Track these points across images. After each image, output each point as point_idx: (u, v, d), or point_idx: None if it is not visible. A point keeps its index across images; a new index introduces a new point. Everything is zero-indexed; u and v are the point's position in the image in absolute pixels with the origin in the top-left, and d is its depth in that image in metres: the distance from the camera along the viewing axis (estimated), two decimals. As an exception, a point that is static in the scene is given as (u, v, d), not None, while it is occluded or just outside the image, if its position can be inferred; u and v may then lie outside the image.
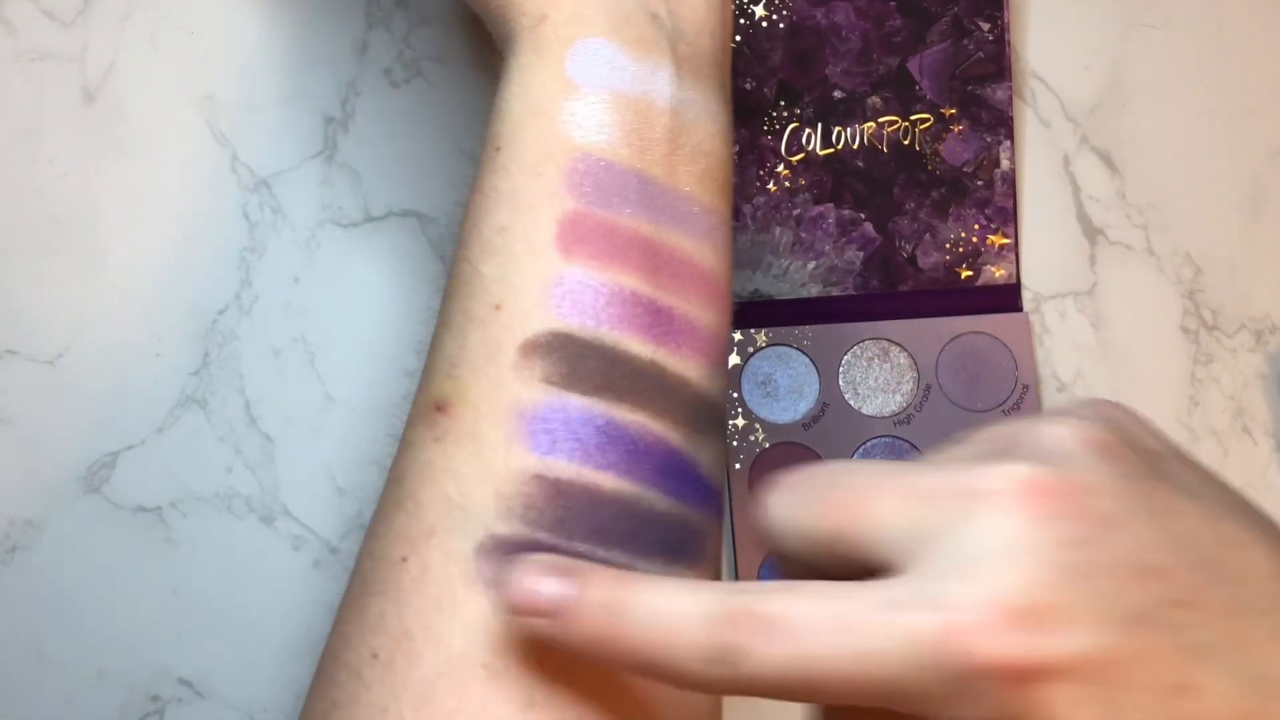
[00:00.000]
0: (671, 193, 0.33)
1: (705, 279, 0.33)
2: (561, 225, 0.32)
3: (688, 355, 0.32)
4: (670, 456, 0.32)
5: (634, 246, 0.32)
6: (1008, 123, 0.53)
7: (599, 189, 0.32)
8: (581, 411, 0.31)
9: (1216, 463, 0.53)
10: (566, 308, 0.31)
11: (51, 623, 0.49)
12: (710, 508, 0.33)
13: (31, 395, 0.50)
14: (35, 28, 0.51)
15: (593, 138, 0.32)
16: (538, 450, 0.30)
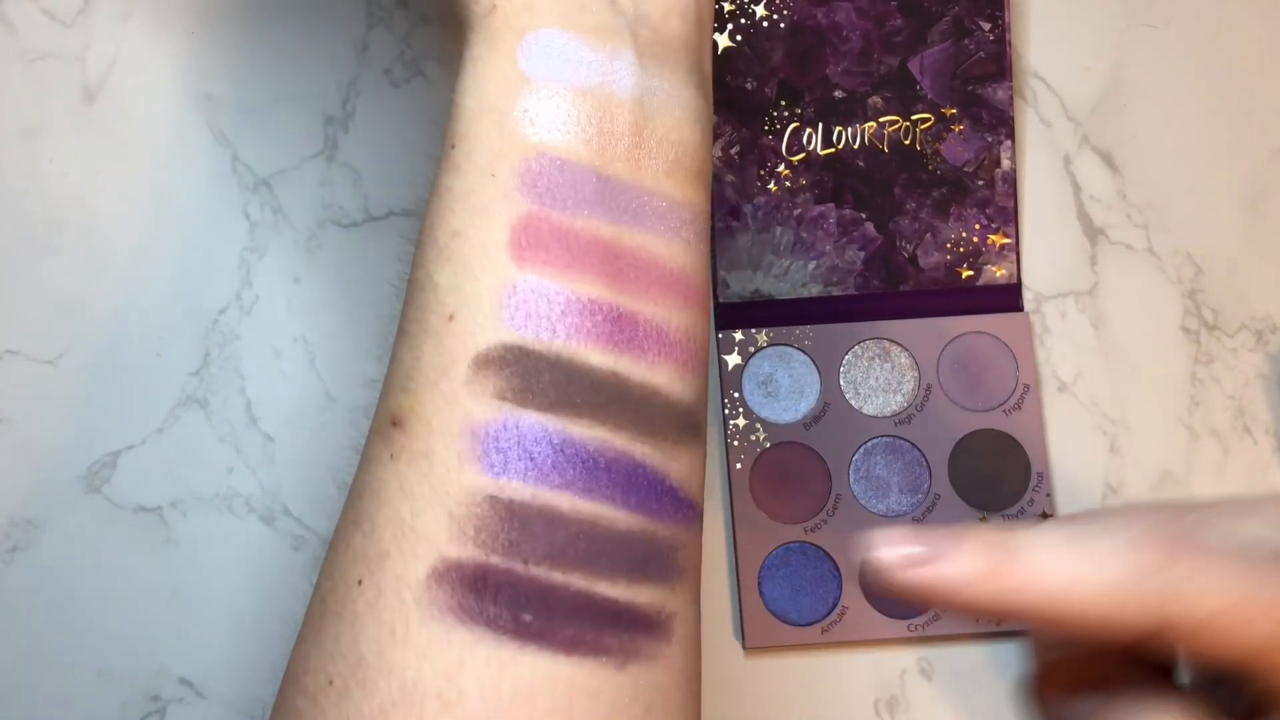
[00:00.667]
0: (635, 189, 0.31)
1: (675, 279, 0.32)
2: (515, 230, 0.30)
3: (654, 362, 0.31)
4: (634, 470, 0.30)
5: (593, 250, 0.31)
6: (1008, 122, 0.53)
7: (554, 190, 0.31)
8: (535, 429, 0.29)
9: (1217, 463, 0.53)
10: (520, 318, 0.30)
11: (51, 623, 0.49)
12: (683, 518, 0.32)
13: (31, 395, 0.50)
14: (35, 28, 0.51)
15: (548, 135, 0.31)
16: (490, 470, 0.29)
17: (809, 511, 0.51)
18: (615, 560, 0.30)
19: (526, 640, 0.28)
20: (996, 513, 0.52)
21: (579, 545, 0.29)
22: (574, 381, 0.30)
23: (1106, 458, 0.53)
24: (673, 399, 0.31)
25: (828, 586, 0.51)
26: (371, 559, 0.30)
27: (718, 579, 0.51)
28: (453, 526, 0.29)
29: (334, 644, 0.30)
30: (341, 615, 0.30)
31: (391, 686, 0.28)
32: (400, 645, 0.29)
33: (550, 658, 0.28)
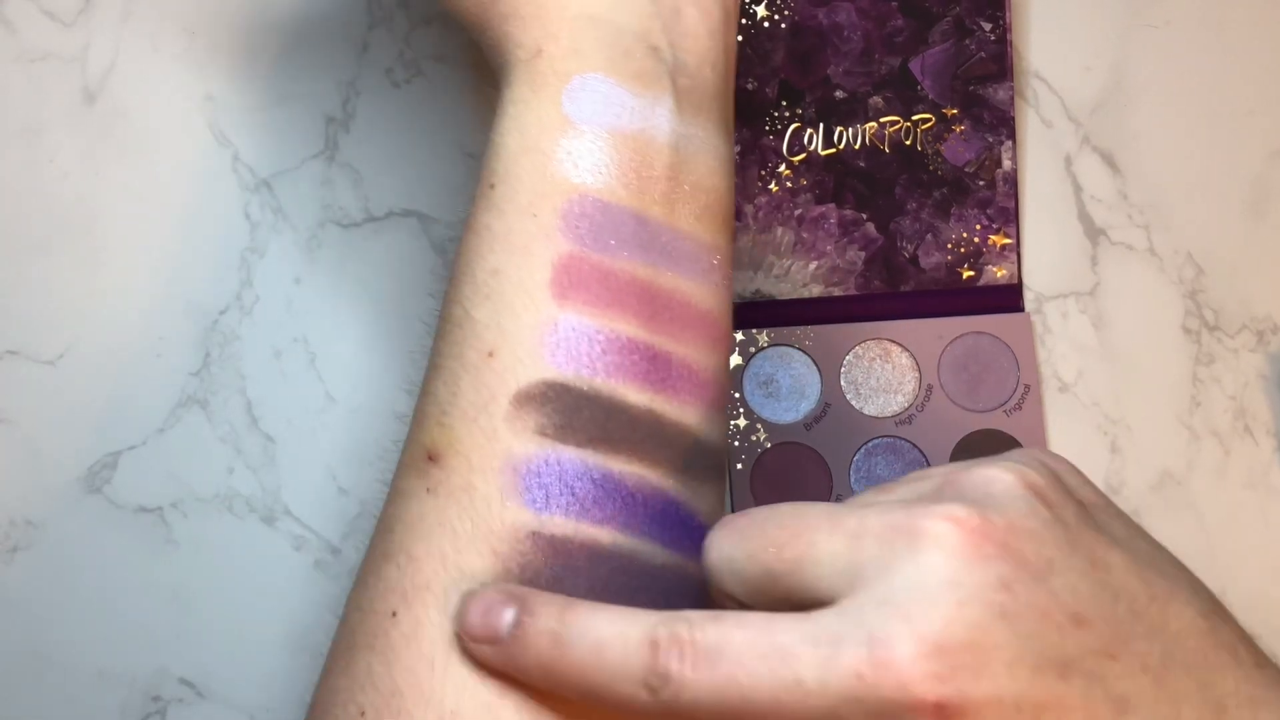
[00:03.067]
0: (670, 231, 0.32)
1: (704, 320, 0.32)
2: (556, 269, 0.31)
3: (686, 401, 0.32)
4: (668, 507, 0.31)
5: (631, 290, 0.31)
6: (1009, 123, 0.53)
7: (595, 231, 0.31)
8: (576, 464, 0.30)
9: (1218, 463, 0.53)
10: (561, 357, 0.30)
11: (51, 623, 0.49)
12: None
13: (31, 395, 0.50)
14: (35, 28, 0.51)
15: (590, 177, 0.31)
16: (533, 506, 0.29)
17: (810, 512, 0.51)
18: (653, 595, 0.30)
19: None
20: (997, 513, 0.51)
21: (619, 580, 0.30)
22: (613, 419, 0.30)
23: (1107, 458, 0.53)
24: (702, 438, 0.32)
25: (828, 587, 0.51)
26: (409, 591, 0.30)
27: (718, 579, 0.51)
28: (497, 563, 0.29)
29: (366, 675, 0.30)
30: (374, 647, 0.30)
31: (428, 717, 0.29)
32: (439, 676, 0.29)
33: None
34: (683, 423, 0.31)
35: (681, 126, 0.32)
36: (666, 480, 0.31)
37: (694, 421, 0.32)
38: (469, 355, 0.31)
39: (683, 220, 0.32)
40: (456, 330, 0.32)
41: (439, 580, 0.30)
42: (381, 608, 0.30)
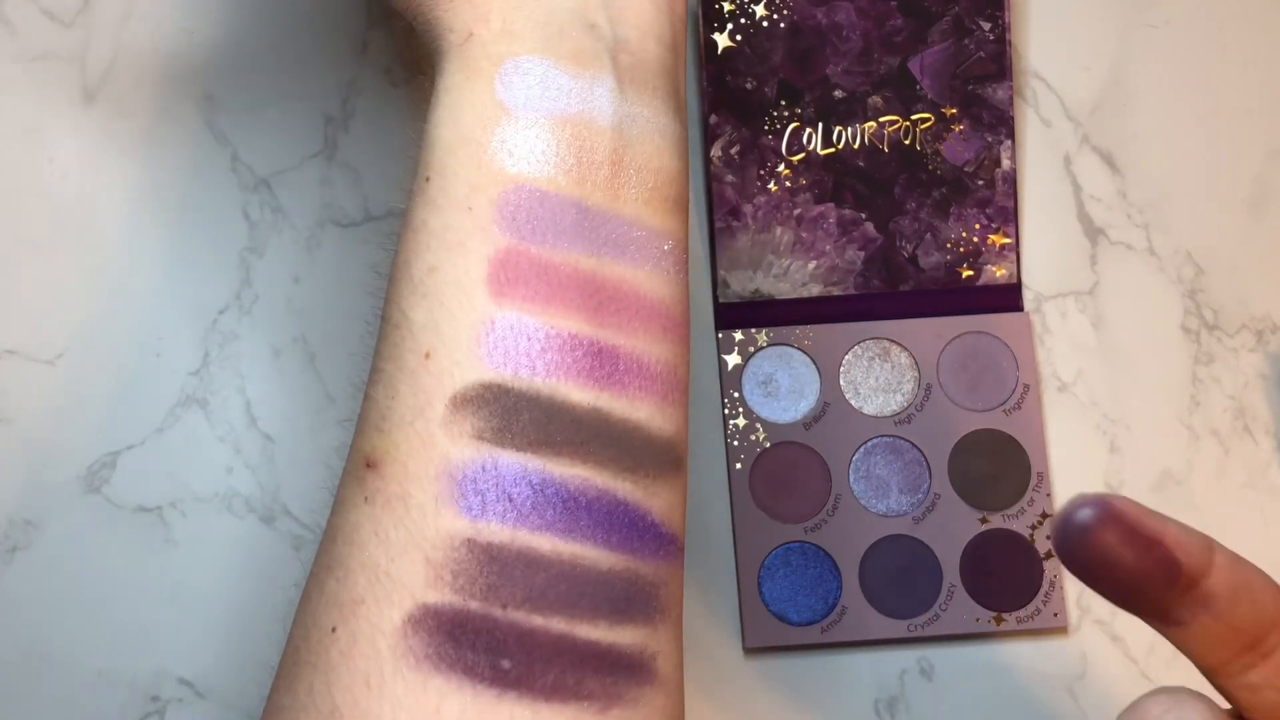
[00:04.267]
0: (615, 219, 0.31)
1: (655, 310, 0.31)
2: (493, 265, 0.30)
3: (636, 396, 0.30)
4: (615, 509, 0.30)
5: (572, 284, 0.30)
6: (1009, 122, 0.53)
7: (533, 223, 0.30)
8: (515, 469, 0.29)
9: (1217, 463, 0.53)
10: (499, 356, 0.29)
11: (51, 623, 0.49)
12: (664, 555, 0.31)
13: (31, 395, 0.50)
14: (35, 28, 0.51)
15: (527, 167, 0.30)
16: (468, 513, 0.28)
17: (809, 511, 0.51)
18: (597, 601, 0.29)
19: (505, 688, 0.28)
20: (997, 512, 0.52)
21: (559, 587, 0.29)
22: (554, 419, 0.29)
23: (1106, 458, 0.53)
24: (654, 434, 0.31)
25: (828, 586, 0.51)
26: (345, 605, 0.29)
27: (718, 579, 0.51)
28: (429, 572, 0.28)
29: (307, 694, 0.29)
30: (315, 664, 0.29)
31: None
32: (375, 695, 0.28)
33: (530, 706, 0.28)
34: (632, 419, 0.30)
35: (625, 106, 0.31)
36: (615, 481, 0.30)
37: (644, 417, 0.31)
38: (406, 358, 0.30)
39: (628, 206, 0.31)
40: (394, 332, 0.31)
41: (372, 592, 0.29)
42: (324, 623, 0.29)
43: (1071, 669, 0.52)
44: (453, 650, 0.28)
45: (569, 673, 0.28)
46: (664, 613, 0.31)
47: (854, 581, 0.51)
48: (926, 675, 0.51)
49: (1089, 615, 0.52)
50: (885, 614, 0.51)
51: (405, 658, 0.28)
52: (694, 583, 0.52)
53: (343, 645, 0.29)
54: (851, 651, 0.51)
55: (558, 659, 0.28)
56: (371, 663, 0.28)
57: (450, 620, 0.28)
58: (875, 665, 0.51)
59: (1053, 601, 0.51)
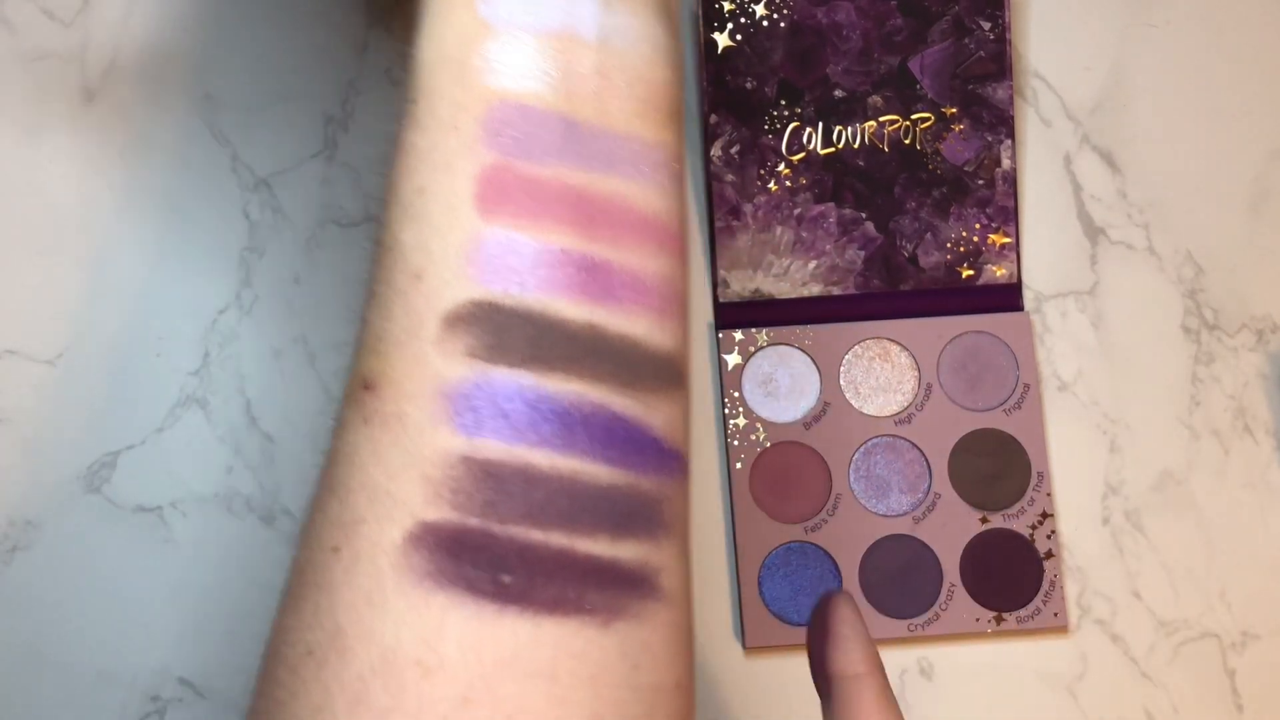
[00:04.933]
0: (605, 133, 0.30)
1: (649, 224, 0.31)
2: (480, 183, 0.29)
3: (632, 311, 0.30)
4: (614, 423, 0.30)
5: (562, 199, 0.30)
6: (1009, 122, 0.53)
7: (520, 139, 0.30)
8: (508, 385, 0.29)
9: (1217, 462, 0.53)
10: (489, 274, 0.29)
11: (51, 623, 0.49)
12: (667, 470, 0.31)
13: (31, 395, 0.50)
14: (35, 27, 0.51)
15: (511, 83, 0.30)
16: (464, 430, 0.28)
17: (809, 511, 0.51)
18: (597, 516, 0.29)
19: (507, 602, 0.28)
20: (996, 512, 0.52)
21: (558, 503, 0.29)
22: (547, 335, 0.29)
23: (1106, 457, 0.53)
24: (652, 348, 0.31)
25: (827, 586, 0.51)
26: (347, 525, 0.29)
27: (718, 579, 0.51)
28: (428, 489, 0.28)
29: (313, 614, 0.29)
30: (319, 584, 0.29)
31: (370, 654, 0.28)
32: (378, 612, 0.28)
33: (532, 619, 0.28)
34: (629, 334, 0.30)
35: (609, 18, 0.31)
36: (612, 396, 0.30)
37: (642, 331, 0.30)
38: (398, 279, 0.30)
39: (618, 120, 0.31)
40: (386, 255, 0.31)
41: (372, 511, 0.29)
42: (326, 543, 0.30)
43: (1071, 669, 0.52)
44: (453, 566, 0.28)
45: (570, 586, 0.28)
46: (667, 529, 0.31)
47: (854, 581, 0.51)
48: (926, 675, 0.51)
49: (1089, 615, 0.52)
50: (885, 614, 0.51)
51: (407, 575, 0.28)
52: (695, 582, 0.52)
53: (345, 564, 0.29)
54: (852, 651, 0.51)
55: (559, 573, 0.28)
56: (374, 580, 0.28)
57: (450, 537, 0.28)
58: (875, 665, 0.51)
59: (1053, 601, 0.51)
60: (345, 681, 0.28)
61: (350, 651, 0.28)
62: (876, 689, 0.35)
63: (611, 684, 0.28)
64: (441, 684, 0.27)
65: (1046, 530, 0.51)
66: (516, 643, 0.28)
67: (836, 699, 0.35)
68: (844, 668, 0.35)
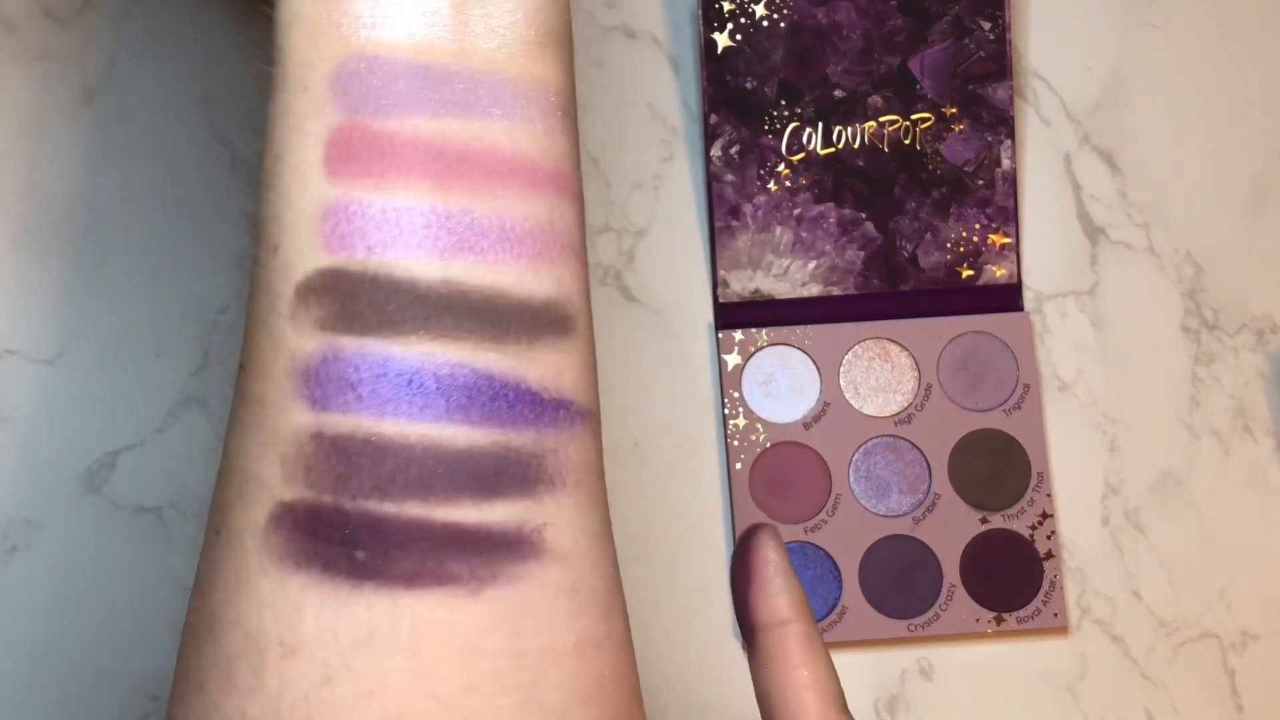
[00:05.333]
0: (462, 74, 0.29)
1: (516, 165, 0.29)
2: (328, 145, 0.28)
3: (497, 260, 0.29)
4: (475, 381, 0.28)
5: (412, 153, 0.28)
6: (1009, 122, 0.53)
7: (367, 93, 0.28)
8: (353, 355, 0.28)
9: (1217, 462, 0.53)
10: (335, 240, 0.28)
11: (51, 623, 0.49)
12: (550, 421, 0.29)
13: (31, 395, 0.50)
14: (35, 27, 0.51)
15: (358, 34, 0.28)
16: (314, 406, 0.28)
17: (809, 511, 0.51)
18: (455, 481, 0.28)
19: (362, 579, 0.27)
20: (996, 512, 0.52)
21: (409, 472, 0.28)
22: (394, 298, 0.28)
23: (1106, 458, 0.53)
24: (523, 297, 0.29)
25: (828, 586, 0.51)
26: (224, 509, 0.29)
27: (718, 579, 0.51)
28: (284, 469, 0.28)
29: (198, 596, 0.29)
30: (205, 567, 0.29)
31: (238, 636, 0.28)
32: (244, 595, 0.28)
33: (388, 595, 0.27)
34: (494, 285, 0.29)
35: None
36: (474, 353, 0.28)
37: (511, 281, 0.29)
38: (260, 254, 0.29)
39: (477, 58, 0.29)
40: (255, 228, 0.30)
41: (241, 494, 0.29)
42: (213, 524, 0.30)
43: (1071, 669, 0.52)
44: (310, 546, 0.28)
45: (428, 557, 0.28)
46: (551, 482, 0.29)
47: (854, 581, 0.51)
48: (926, 675, 0.51)
49: (1089, 615, 0.52)
50: (885, 614, 0.51)
51: (269, 556, 0.28)
52: (694, 582, 0.52)
53: (221, 547, 0.29)
54: (851, 651, 0.51)
55: (412, 544, 0.28)
56: (241, 563, 0.28)
57: (305, 516, 0.28)
58: (875, 665, 0.51)
59: (1053, 601, 0.51)
60: (218, 662, 0.28)
61: (222, 633, 0.28)
62: (801, 635, 0.34)
63: (487, 652, 0.28)
64: (302, 663, 0.27)
65: (1046, 530, 0.51)
66: (372, 619, 0.27)
67: (761, 649, 0.34)
68: (768, 615, 0.34)
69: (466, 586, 0.28)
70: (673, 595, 0.51)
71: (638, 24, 0.54)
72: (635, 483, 0.52)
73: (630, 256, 0.53)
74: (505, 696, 0.28)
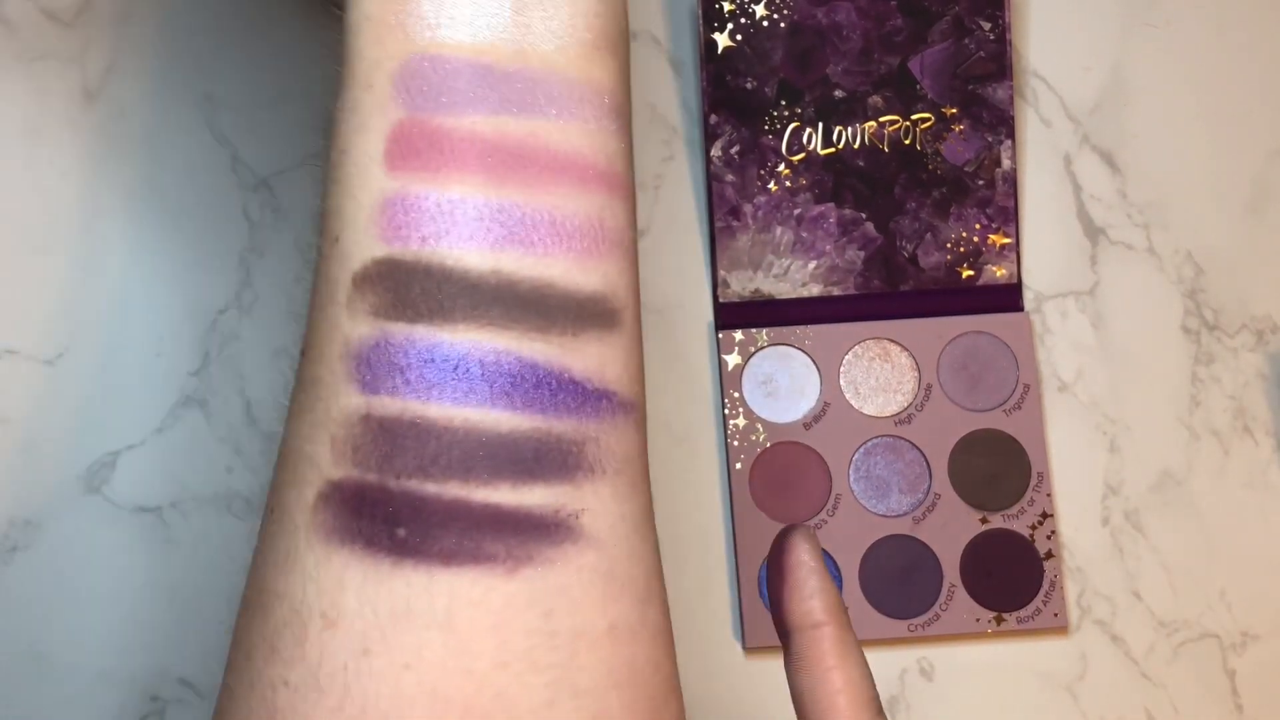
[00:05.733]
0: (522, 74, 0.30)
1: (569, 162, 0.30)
2: (390, 140, 0.30)
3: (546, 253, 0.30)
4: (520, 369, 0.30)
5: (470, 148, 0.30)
6: (1009, 122, 0.53)
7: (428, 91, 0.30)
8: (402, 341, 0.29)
9: (1217, 462, 0.53)
10: (390, 231, 0.29)
11: (51, 623, 0.49)
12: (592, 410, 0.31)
13: (31, 395, 0.50)
14: (35, 28, 0.51)
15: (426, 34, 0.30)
16: (364, 390, 0.29)
17: (809, 511, 0.51)
18: (497, 464, 0.29)
19: (402, 555, 0.28)
20: (996, 512, 0.52)
21: (451, 453, 0.29)
22: (445, 287, 0.29)
23: (1106, 458, 0.53)
24: (571, 290, 0.30)
25: (828, 586, 0.51)
26: (278, 488, 0.31)
27: (718, 579, 0.51)
28: (334, 449, 0.29)
29: (253, 573, 0.31)
30: (259, 545, 0.31)
31: (284, 609, 0.29)
32: (291, 569, 0.29)
33: (426, 571, 0.28)
34: (543, 277, 0.30)
35: None
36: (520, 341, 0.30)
37: (559, 273, 0.30)
38: (324, 245, 0.31)
39: (535, 58, 0.30)
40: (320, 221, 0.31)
41: (294, 474, 0.30)
42: (269, 505, 0.31)
43: (1071, 669, 0.52)
44: (354, 522, 0.29)
45: (466, 537, 0.29)
46: (591, 469, 0.30)
47: (854, 581, 0.51)
48: (926, 675, 0.51)
49: (1089, 615, 0.52)
50: (885, 614, 0.51)
51: (316, 532, 0.29)
52: (694, 582, 0.52)
53: (274, 525, 0.30)
54: (851, 651, 0.51)
55: (452, 523, 0.29)
56: (290, 540, 0.29)
57: (352, 494, 0.29)
58: (875, 665, 0.51)
59: (1053, 601, 0.51)
60: (265, 634, 0.29)
61: (270, 606, 0.29)
62: (835, 638, 0.34)
63: (519, 630, 0.29)
64: (342, 635, 0.28)
65: (1046, 530, 0.51)
66: (410, 594, 0.28)
67: (795, 652, 0.35)
68: (801, 618, 0.35)
69: (503, 566, 0.29)
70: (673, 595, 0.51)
71: (638, 24, 0.54)
72: (635, 483, 0.52)
73: (630, 256, 0.53)
74: (536, 675, 0.29)
